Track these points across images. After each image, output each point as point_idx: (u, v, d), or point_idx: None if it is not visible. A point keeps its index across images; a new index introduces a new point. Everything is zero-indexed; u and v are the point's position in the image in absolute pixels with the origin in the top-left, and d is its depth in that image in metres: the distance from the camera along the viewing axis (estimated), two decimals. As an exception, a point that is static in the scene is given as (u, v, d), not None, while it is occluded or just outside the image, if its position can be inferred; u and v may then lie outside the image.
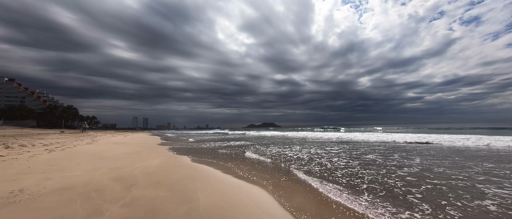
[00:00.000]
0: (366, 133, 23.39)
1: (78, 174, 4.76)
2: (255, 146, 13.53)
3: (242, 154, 9.68)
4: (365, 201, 3.53)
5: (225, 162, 7.19)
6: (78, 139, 17.65)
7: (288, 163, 6.96)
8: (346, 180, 4.81)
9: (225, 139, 22.51)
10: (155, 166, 6.15)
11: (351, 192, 3.96)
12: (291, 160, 7.72)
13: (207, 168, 6.10)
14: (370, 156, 8.73)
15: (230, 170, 5.79)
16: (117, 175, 4.80)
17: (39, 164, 5.60)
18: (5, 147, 8.65)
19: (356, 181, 4.78)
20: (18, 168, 5.00)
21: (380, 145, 12.92)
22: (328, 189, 4.10)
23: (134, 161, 6.80)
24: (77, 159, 6.70)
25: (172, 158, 8.01)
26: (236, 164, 6.80)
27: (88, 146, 11.65)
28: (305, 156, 8.64)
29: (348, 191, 4.01)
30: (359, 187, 4.32)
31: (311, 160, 7.67)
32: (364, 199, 3.63)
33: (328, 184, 4.43)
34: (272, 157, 8.37)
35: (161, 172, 5.33)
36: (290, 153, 9.59)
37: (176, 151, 10.79)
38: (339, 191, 4.02)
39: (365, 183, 4.61)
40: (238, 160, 7.71)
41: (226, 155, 9.23)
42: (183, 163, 6.76)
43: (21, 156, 6.72)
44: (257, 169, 5.99)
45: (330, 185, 4.37)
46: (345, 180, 4.85)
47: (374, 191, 4.06)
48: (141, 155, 8.46)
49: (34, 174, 4.53)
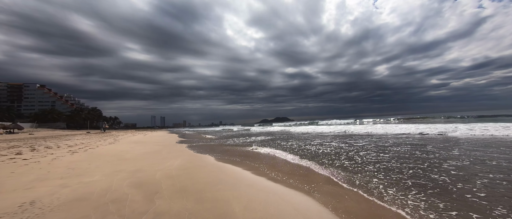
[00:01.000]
0: (387, 124, 21.74)
1: (97, 179, 4.26)
2: (275, 142, 12.75)
3: (264, 151, 8.95)
4: (423, 204, 2.66)
5: (251, 161, 6.48)
6: (102, 139, 17.92)
7: (317, 159, 6.11)
8: (385, 176, 4.07)
9: (241, 135, 21.97)
10: (177, 167, 5.58)
11: (399, 192, 3.24)
12: (318, 155, 6.85)
13: (234, 168, 5.41)
14: (400, 149, 7.71)
15: (259, 171, 5.06)
16: (137, 180, 4.24)
17: (59, 168, 5.22)
18: (32, 149, 8.60)
19: (397, 176, 4.29)
20: (37, 173, 4.62)
21: (408, 137, 11.60)
22: (371, 190, 3.22)
23: (154, 162, 6.30)
24: (98, 161, 6.31)
25: (193, 157, 7.45)
26: (263, 163, 6.07)
27: (110, 146, 11.52)
28: (330, 150, 7.72)
29: (395, 191, 3.20)
30: (403, 183, 3.84)
31: (338, 155, 6.77)
32: (420, 201, 2.80)
33: (368, 184, 3.55)
34: (297, 153, 7.55)
35: (185, 174, 4.72)
36: (313, 148, 8.70)
37: (196, 149, 10.30)
38: (381, 191, 3.13)
39: (408, 178, 4.13)
40: (263, 158, 6.98)
41: (248, 153, 8.54)
42: (206, 163, 6.15)
43: (44, 158, 6.47)
44: (287, 169, 5.21)
45: (371, 183, 3.49)
46: (382, 175, 4.07)
47: (423, 188, 3.55)
48: (161, 155, 8.01)
49: (51, 180, 4.08)
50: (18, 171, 4.76)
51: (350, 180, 4.13)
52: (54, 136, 24.43)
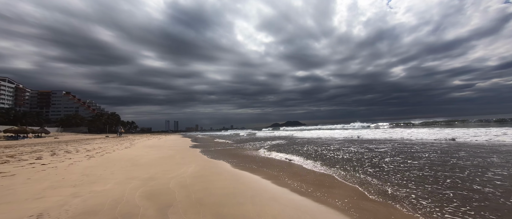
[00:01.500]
0: (409, 129, 20.30)
1: (109, 187, 4.00)
2: (291, 147, 12.17)
3: (280, 156, 8.43)
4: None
5: (268, 168, 6.01)
6: (119, 143, 18.28)
7: (339, 167, 5.50)
8: (420, 186, 3.41)
9: (252, 139, 21.53)
10: (190, 174, 5.25)
11: (444, 207, 2.57)
12: (338, 161, 6.22)
13: (252, 177, 4.97)
14: (430, 155, 6.93)
15: (280, 180, 4.58)
16: (150, 189, 3.93)
17: (73, 174, 5.07)
18: (52, 154, 8.73)
19: (433, 186, 3.77)
20: (51, 180, 4.47)
21: (436, 142, 10.53)
22: (413, 205, 2.61)
23: (168, 168, 6.02)
24: (112, 167, 6.15)
25: (207, 163, 7.12)
26: (283, 171, 5.58)
27: (126, 150, 11.56)
28: (350, 156, 7.04)
29: (438, 206, 2.55)
30: (442, 194, 3.35)
31: (360, 161, 6.10)
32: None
33: (407, 198, 2.94)
34: (315, 159, 6.96)
35: (199, 183, 4.35)
36: (331, 153, 8.05)
37: (209, 154, 10.01)
38: (425, 207, 2.52)
39: (447, 189, 3.64)
40: (280, 165, 6.48)
41: (263, 159, 8.08)
42: (221, 170, 5.77)
43: (62, 164, 6.43)
44: (311, 178, 4.68)
45: (411, 197, 2.87)
46: (416, 185, 3.39)
47: (467, 201, 3.05)
48: (175, 160, 7.77)
49: (63, 189, 3.88)
50: (34, 177, 4.65)
51: (385, 193, 3.53)
52: (76, 140, 25.46)
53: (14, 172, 5.15)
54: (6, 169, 5.39)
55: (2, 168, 5.53)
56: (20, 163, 6.32)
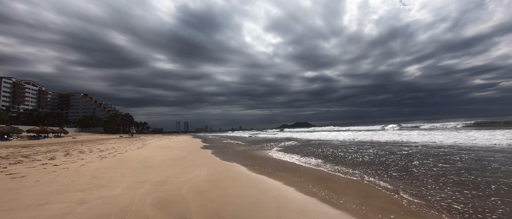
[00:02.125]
0: (425, 132, 18.97)
1: (118, 193, 3.65)
2: (306, 148, 11.56)
3: (297, 159, 7.88)
4: None
5: (287, 172, 5.49)
6: (131, 143, 18.40)
7: (362, 169, 4.87)
8: (465, 194, 2.66)
9: (266, 140, 21.03)
10: (204, 178, 4.84)
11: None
12: (358, 164, 5.57)
13: (272, 183, 4.47)
14: (462, 157, 6.08)
15: (304, 187, 4.04)
16: (162, 195, 3.54)
17: (83, 176, 4.81)
18: (65, 154, 8.68)
19: (477, 193, 3.12)
20: (60, 183, 4.21)
21: (461, 149, 9.51)
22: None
23: (180, 171, 5.66)
24: (123, 169, 5.87)
25: (220, 165, 6.70)
26: (304, 176, 5.04)
27: (138, 151, 11.44)
28: (371, 159, 6.34)
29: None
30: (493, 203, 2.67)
31: (385, 165, 5.40)
32: None
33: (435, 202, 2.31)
34: (335, 161, 6.34)
35: (215, 189, 3.92)
36: (350, 156, 7.36)
37: (221, 155, 9.61)
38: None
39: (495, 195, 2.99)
40: (299, 169, 5.94)
41: (279, 162, 7.55)
42: (237, 174, 5.31)
43: (74, 164, 6.24)
44: (339, 186, 4.11)
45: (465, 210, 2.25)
46: (460, 193, 2.67)
47: None
48: (186, 162, 7.42)
49: (71, 193, 3.57)
50: (43, 180, 4.41)
51: (427, 202, 2.91)
52: (91, 140, 26.12)
53: (25, 173, 4.97)
54: (18, 170, 5.24)
55: (14, 168, 5.39)
56: (33, 163, 6.20)
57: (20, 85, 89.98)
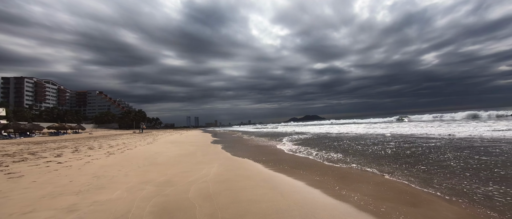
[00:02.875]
0: (452, 123, 17.44)
1: (116, 196, 3.16)
2: (321, 142, 10.81)
3: (314, 154, 7.18)
4: None
5: (305, 170, 4.82)
6: (142, 138, 18.43)
7: (388, 165, 4.09)
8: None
9: (278, 134, 20.40)
10: (214, 177, 4.29)
11: None
12: (385, 159, 4.77)
13: (292, 183, 3.83)
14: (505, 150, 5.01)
15: (332, 189, 3.37)
16: (164, 200, 3.01)
17: (84, 175, 4.41)
18: (74, 150, 8.52)
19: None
20: (57, 184, 3.81)
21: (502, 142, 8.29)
22: None
23: (187, 169, 5.16)
24: (129, 166, 5.46)
25: (232, 162, 6.14)
26: (327, 175, 4.35)
27: (147, 146, 11.20)
28: (398, 152, 5.50)
29: None
30: None
31: (412, 157, 4.55)
32: None
33: None
34: (357, 157, 5.58)
35: (226, 192, 3.34)
36: (370, 149, 6.54)
37: (231, 150, 9.10)
38: None
39: None
40: (318, 166, 5.25)
41: (293, 157, 6.89)
42: (250, 172, 4.72)
43: (79, 162, 5.93)
44: (370, 188, 3.39)
45: None
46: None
47: None
48: (195, 158, 6.95)
49: (64, 197, 3.13)
50: (40, 180, 4.04)
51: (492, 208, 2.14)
52: (105, 135, 26.72)
53: (25, 172, 4.66)
54: (19, 168, 4.95)
55: (15, 167, 5.13)
56: (38, 161, 5.96)
57: (41, 84, 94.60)
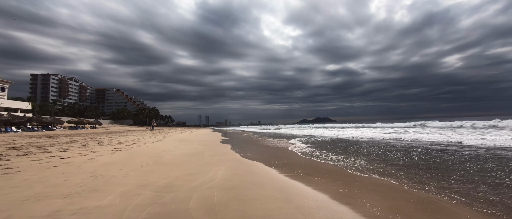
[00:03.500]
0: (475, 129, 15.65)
1: (107, 203, 2.71)
2: (340, 146, 9.99)
3: (334, 160, 6.45)
4: None
5: (326, 178, 4.15)
6: (153, 135, 18.49)
7: (425, 177, 3.28)
8: None
9: (290, 136, 19.66)
10: (220, 182, 3.75)
11: None
12: (418, 169, 3.94)
13: (314, 196, 3.19)
14: None
15: (363, 209, 2.69)
16: (160, 211, 2.50)
17: (82, 174, 4.06)
18: (82, 145, 8.42)
19: None
20: (48, 184, 3.46)
21: None
22: None
23: (192, 171, 4.67)
24: (131, 166, 5.09)
25: (241, 165, 5.59)
26: (352, 186, 3.67)
27: (156, 143, 11.00)
28: (431, 162, 4.60)
29: None
30: None
31: (444, 167, 3.68)
32: None
33: None
34: (383, 165, 4.78)
35: (233, 203, 2.78)
36: (392, 156, 5.65)
37: (241, 151, 8.56)
38: None
39: None
40: (341, 174, 4.55)
41: (313, 163, 6.21)
42: (262, 178, 4.13)
43: (82, 158, 5.68)
44: (406, 204, 2.66)
45: None
46: None
47: None
48: (202, 158, 6.49)
49: (49, 201, 2.73)
50: (34, 177, 3.73)
51: None
52: (119, 131, 27.39)
53: (24, 167, 4.41)
54: (19, 163, 4.74)
55: (16, 161, 4.93)
56: (42, 155, 5.78)
57: (65, 81, 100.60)
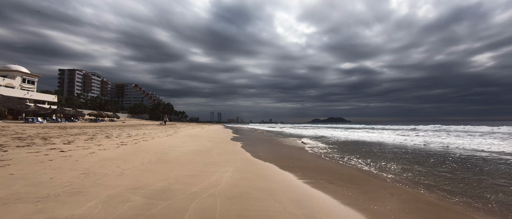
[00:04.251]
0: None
1: (83, 212, 2.18)
2: (363, 148, 8.99)
3: (361, 163, 5.57)
4: None
5: (357, 189, 3.34)
6: (165, 130, 18.48)
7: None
8: None
9: (307, 136, 18.71)
10: (225, 189, 3.11)
11: None
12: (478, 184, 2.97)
13: (346, 213, 2.44)
14: None
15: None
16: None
17: (73, 171, 3.63)
18: (89, 138, 8.26)
19: None
20: (33, 180, 3.04)
21: None
22: None
23: (195, 172, 4.08)
24: (131, 163, 4.63)
25: (252, 166, 4.92)
26: (391, 200, 2.83)
27: (165, 138, 10.70)
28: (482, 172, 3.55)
29: None
30: None
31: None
32: None
33: None
34: (421, 175, 3.84)
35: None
36: (431, 162, 4.62)
37: (253, 150, 7.90)
38: None
39: None
40: (374, 182, 3.71)
41: (337, 167, 5.38)
42: (276, 184, 3.43)
43: (82, 152, 5.35)
44: None
45: None
46: None
47: None
48: (209, 157, 5.92)
49: (17, 205, 2.26)
50: (19, 173, 3.35)
51: None
52: (133, 124, 28.06)
53: (16, 160, 4.10)
54: (13, 155, 4.47)
55: (12, 153, 4.67)
56: (43, 147, 5.55)
57: (88, 76, 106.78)
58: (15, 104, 25.08)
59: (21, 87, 35.96)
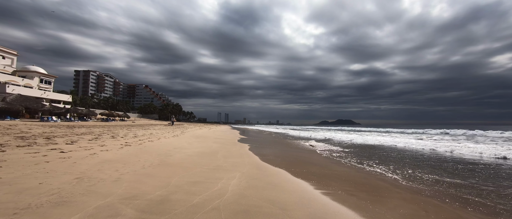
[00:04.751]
0: None
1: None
2: (387, 154, 8.32)
3: (384, 171, 4.98)
4: None
5: (387, 206, 2.81)
6: (172, 130, 18.40)
7: None
8: None
9: (313, 139, 18.05)
10: (231, 201, 2.69)
11: None
12: None
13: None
14: None
15: None
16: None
17: (67, 175, 3.33)
18: (94, 137, 8.11)
19: None
20: (17, 186, 2.76)
21: None
22: None
23: (199, 178, 3.68)
24: (132, 165, 4.30)
25: (261, 173, 4.46)
26: (421, 217, 2.28)
27: (171, 139, 10.47)
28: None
29: None
30: None
31: None
32: None
33: None
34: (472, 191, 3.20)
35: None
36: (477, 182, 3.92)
37: (262, 153, 7.45)
38: None
39: None
40: (406, 200, 3.13)
41: (360, 176, 4.82)
42: (290, 195, 2.96)
43: (83, 153, 5.10)
44: None
45: None
46: None
47: None
48: (215, 160, 5.52)
49: (-11, 218, 1.91)
50: (9, 177, 3.10)
51: None
52: (142, 124, 28.37)
53: (11, 161, 3.88)
54: (10, 156, 4.26)
55: (10, 153, 4.48)
56: (43, 147, 5.37)
57: (102, 77, 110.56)
58: (32, 103, 26.05)
59: (39, 87, 37.49)
